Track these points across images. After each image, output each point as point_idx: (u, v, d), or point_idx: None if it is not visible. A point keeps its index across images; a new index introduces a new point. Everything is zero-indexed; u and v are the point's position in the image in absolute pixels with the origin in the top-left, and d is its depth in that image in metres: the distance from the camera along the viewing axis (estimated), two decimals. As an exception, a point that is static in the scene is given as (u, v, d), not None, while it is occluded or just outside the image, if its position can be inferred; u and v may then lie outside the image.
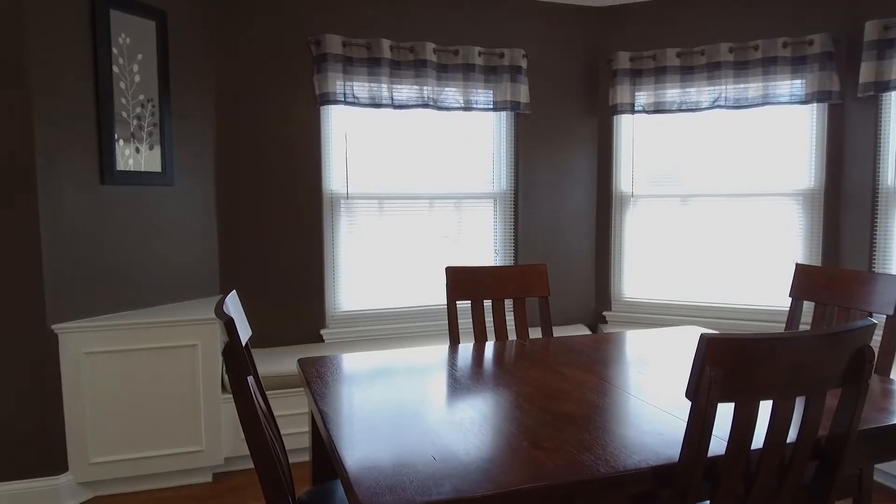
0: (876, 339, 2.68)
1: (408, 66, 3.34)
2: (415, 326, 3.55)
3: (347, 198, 3.41)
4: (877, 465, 2.73)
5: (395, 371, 1.85)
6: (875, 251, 3.15)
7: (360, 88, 3.29)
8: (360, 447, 1.30)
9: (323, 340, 3.39)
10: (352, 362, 1.94)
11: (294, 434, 2.92)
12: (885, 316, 1.98)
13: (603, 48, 3.72)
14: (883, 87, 2.98)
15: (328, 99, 3.21)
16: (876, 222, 3.15)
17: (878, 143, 3.12)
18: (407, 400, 1.59)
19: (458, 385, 1.72)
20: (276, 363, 2.98)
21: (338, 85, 3.22)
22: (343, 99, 3.25)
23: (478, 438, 1.33)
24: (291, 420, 2.92)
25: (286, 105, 3.25)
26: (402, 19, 3.39)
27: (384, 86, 3.30)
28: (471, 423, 1.43)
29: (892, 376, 1.81)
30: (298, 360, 1.93)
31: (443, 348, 2.11)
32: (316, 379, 1.76)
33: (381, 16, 3.35)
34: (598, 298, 3.86)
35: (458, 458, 1.23)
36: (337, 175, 3.39)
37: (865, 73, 3.01)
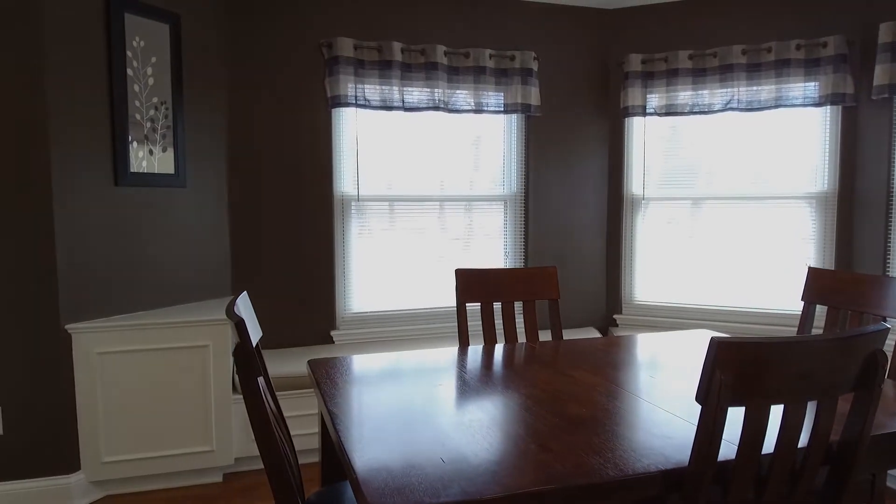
0: (890, 344, 2.65)
1: (419, 68, 3.35)
2: (425, 328, 3.55)
3: (358, 200, 3.42)
4: (890, 471, 2.69)
5: (404, 373, 1.85)
6: (889, 255, 3.12)
7: (372, 91, 3.30)
8: (368, 448, 1.30)
9: (333, 342, 3.40)
10: (361, 363, 1.95)
11: (304, 435, 2.93)
12: (899, 320, 1.96)
13: (614, 50, 3.71)
14: (898, 89, 2.95)
15: (340, 101, 3.22)
16: (890, 225, 3.11)
17: (892, 146, 3.09)
18: (416, 402, 1.59)
19: (467, 387, 1.72)
20: (286, 364, 2.99)
21: (349, 87, 3.24)
22: (354, 101, 3.26)
23: (486, 441, 1.33)
24: (301, 421, 2.93)
25: (298, 107, 3.27)
26: (414, 22, 3.40)
27: (395, 88, 3.31)
28: (479, 425, 1.43)
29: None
30: (308, 362, 1.94)
31: (452, 350, 2.11)
32: (325, 380, 1.77)
33: (392, 19, 3.37)
34: (608, 301, 3.85)
35: (466, 461, 1.24)
36: (348, 177, 3.41)
37: (880, 75, 2.99)
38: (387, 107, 3.31)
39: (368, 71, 3.28)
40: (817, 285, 2.26)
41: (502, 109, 3.52)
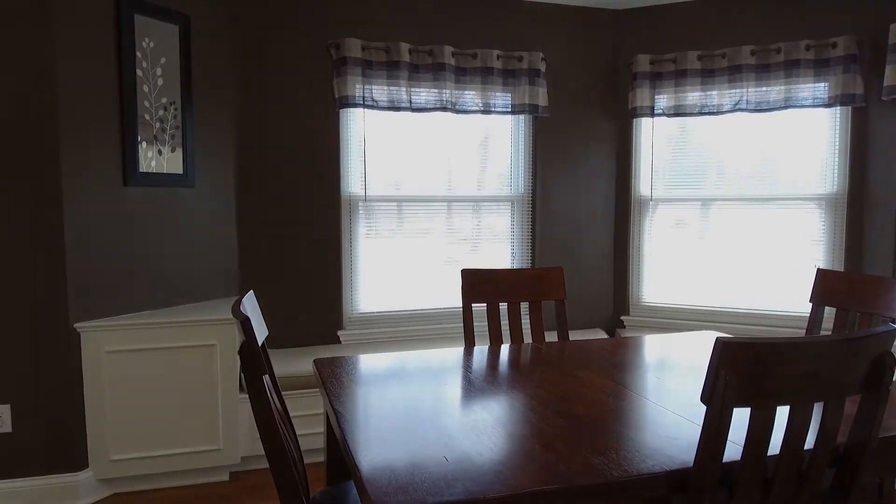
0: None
1: (426, 69, 3.35)
2: (431, 329, 3.55)
3: (366, 200, 3.43)
4: (901, 476, 2.67)
5: (409, 372, 1.86)
6: (900, 257, 3.09)
7: (379, 92, 3.31)
8: (373, 447, 1.30)
9: (339, 342, 3.41)
10: (367, 363, 1.95)
11: (311, 434, 2.94)
12: (909, 323, 1.94)
13: (623, 51, 3.70)
14: (909, 89, 2.92)
15: (347, 102, 3.23)
16: (901, 228, 3.09)
17: (903, 147, 3.06)
18: (421, 401, 1.59)
19: (472, 387, 1.72)
20: (293, 364, 3.00)
21: (357, 88, 3.25)
22: (362, 102, 3.27)
23: (491, 440, 1.33)
24: (308, 420, 2.94)
25: (306, 108, 3.28)
26: (421, 23, 3.41)
27: (403, 89, 3.31)
28: (484, 425, 1.43)
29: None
30: (314, 361, 1.95)
31: (458, 350, 2.11)
32: (331, 379, 1.77)
33: (400, 20, 3.37)
34: (616, 303, 3.84)
35: (470, 460, 1.23)
36: (356, 177, 3.42)
37: (890, 75, 2.96)
38: (394, 107, 3.32)
39: (376, 72, 3.29)
40: (826, 287, 2.25)
41: (510, 110, 3.52)
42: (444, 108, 3.38)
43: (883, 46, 3.07)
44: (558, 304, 2.42)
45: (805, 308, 3.37)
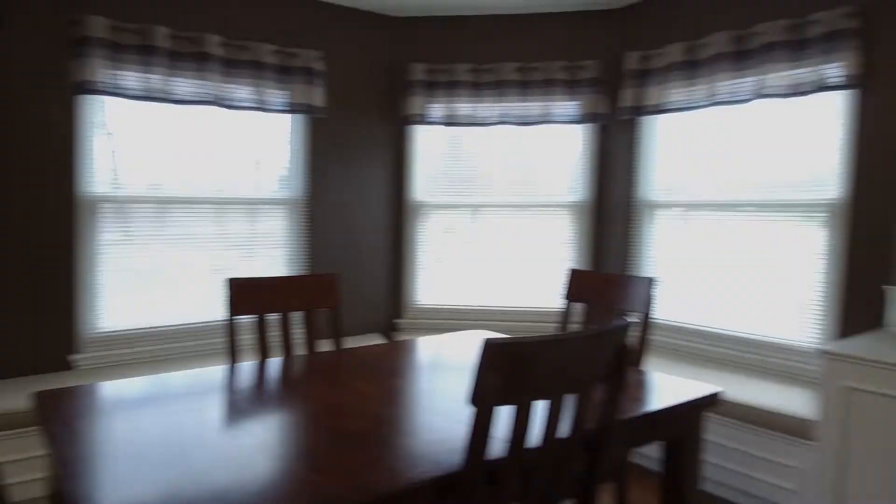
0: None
1: (188, 58, 3.04)
2: (198, 345, 3.22)
3: (112, 201, 2.99)
4: (636, 449, 3.05)
5: (158, 399, 1.61)
6: (631, 257, 3.56)
7: (131, 79, 2.91)
8: (100, 495, 1.08)
9: (70, 368, 2.90)
10: (106, 392, 1.66)
11: (36, 481, 2.45)
12: (642, 313, 2.21)
13: (400, 58, 3.74)
14: (639, 111, 3.38)
15: (88, 87, 2.78)
16: (629, 230, 3.56)
17: (634, 162, 3.53)
18: (169, 433, 1.38)
19: (233, 409, 1.54)
20: (7, 398, 2.48)
21: (102, 73, 2.82)
22: (108, 89, 2.85)
23: (251, 469, 1.19)
24: (32, 464, 2.44)
25: (34, 93, 2.75)
26: (185, 7, 3.08)
27: (159, 77, 2.95)
28: (245, 451, 1.28)
29: (643, 367, 2.01)
30: (36, 394, 1.60)
31: (220, 369, 1.91)
32: (53, 415, 1.46)
33: (159, 1, 3.00)
34: (392, 306, 3.86)
35: (223, 496, 1.08)
36: (101, 175, 2.96)
37: (625, 97, 3.40)
38: (150, 97, 2.95)
39: (127, 56, 2.88)
40: (577, 285, 2.47)
41: (285, 108, 3.35)
42: (210, 103, 3.09)
43: (621, 72, 3.51)
44: (332, 312, 2.33)
45: (560, 303, 3.71)
